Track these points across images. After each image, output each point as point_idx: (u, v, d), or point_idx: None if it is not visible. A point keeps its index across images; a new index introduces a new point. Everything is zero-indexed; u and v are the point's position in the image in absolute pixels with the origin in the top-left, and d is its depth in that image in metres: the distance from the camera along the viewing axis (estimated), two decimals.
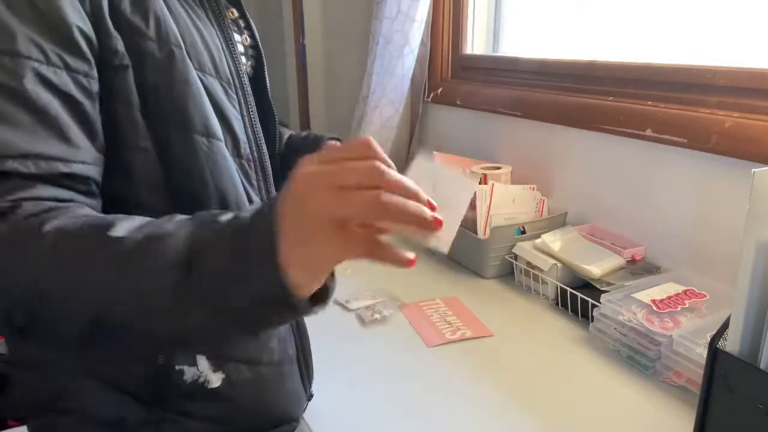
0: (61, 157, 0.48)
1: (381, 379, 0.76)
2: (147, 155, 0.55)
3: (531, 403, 0.70)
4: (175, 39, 0.56)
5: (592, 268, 0.91)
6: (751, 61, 0.86)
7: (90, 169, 0.51)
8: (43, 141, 0.47)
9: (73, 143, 0.49)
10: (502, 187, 1.08)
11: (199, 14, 0.61)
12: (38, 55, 0.47)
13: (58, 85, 0.48)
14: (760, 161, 0.78)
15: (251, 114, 0.64)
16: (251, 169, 0.63)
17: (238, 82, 0.63)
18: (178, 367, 0.58)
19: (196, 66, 0.57)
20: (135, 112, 0.54)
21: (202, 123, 0.57)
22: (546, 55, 1.23)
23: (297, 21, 1.99)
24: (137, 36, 0.53)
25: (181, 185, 0.57)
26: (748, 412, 0.51)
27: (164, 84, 0.55)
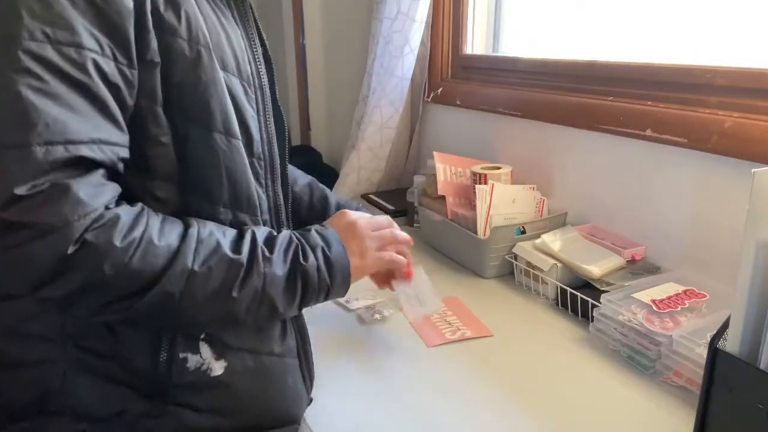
0: (118, 142, 0.52)
1: (381, 379, 0.76)
2: (165, 150, 0.56)
3: (531, 403, 0.70)
4: (204, 39, 0.57)
5: (592, 268, 0.91)
6: (751, 61, 0.86)
7: (128, 155, 0.54)
8: (103, 128, 0.50)
9: (123, 130, 0.53)
10: (502, 187, 1.08)
11: (226, 15, 0.63)
12: (95, 47, 0.50)
13: (109, 75, 0.51)
14: (760, 161, 0.78)
15: (267, 114, 0.66)
16: (261, 168, 0.64)
17: (257, 82, 0.64)
18: (181, 356, 0.59)
19: (220, 65, 0.59)
20: (157, 107, 0.55)
21: (223, 121, 0.58)
22: (546, 55, 1.23)
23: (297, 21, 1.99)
24: (169, 35, 0.55)
25: (195, 180, 0.59)
26: (748, 412, 0.51)
27: (190, 82, 0.56)
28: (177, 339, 0.59)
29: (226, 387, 0.61)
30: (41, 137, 0.46)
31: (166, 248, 0.52)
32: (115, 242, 0.49)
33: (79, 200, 0.47)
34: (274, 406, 0.65)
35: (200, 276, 0.53)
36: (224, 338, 0.61)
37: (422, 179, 1.30)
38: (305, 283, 0.61)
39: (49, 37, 0.47)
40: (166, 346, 0.59)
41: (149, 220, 0.53)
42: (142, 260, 0.50)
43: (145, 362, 0.58)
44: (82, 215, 0.47)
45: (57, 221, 0.46)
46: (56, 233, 0.46)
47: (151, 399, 0.59)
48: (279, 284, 0.59)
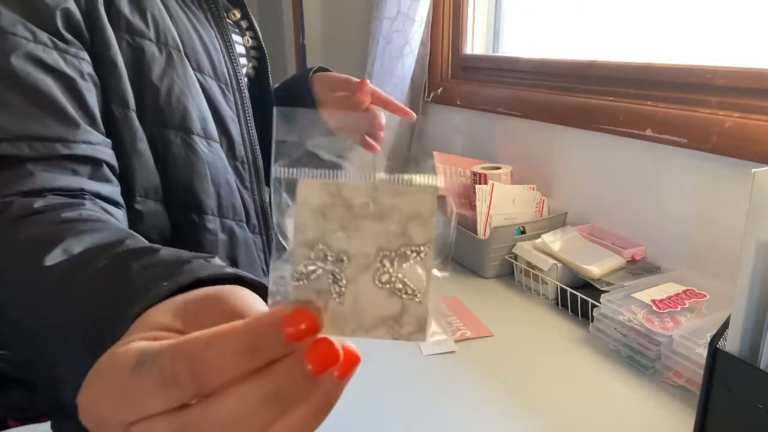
0: (58, 137, 0.45)
1: (380, 379, 0.76)
2: (144, 159, 0.54)
3: (531, 403, 0.70)
4: (173, 41, 0.56)
5: (592, 268, 0.91)
6: (751, 61, 0.86)
7: (97, 151, 0.48)
8: (37, 121, 0.45)
9: (71, 122, 0.47)
10: (502, 187, 1.08)
11: (198, 16, 0.61)
12: (24, 33, 0.46)
13: (49, 62, 0.46)
14: (760, 161, 0.78)
15: (247, 116, 0.64)
16: (245, 171, 0.62)
17: (235, 83, 0.62)
18: None
19: (194, 67, 0.57)
20: (130, 113, 0.53)
21: (201, 125, 0.57)
22: (546, 55, 1.23)
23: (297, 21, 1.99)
24: (137, 36, 0.53)
25: (180, 188, 0.56)
26: (748, 412, 0.51)
27: (164, 86, 0.54)
28: None
29: None
30: None
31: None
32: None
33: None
34: None
35: None
36: None
37: None
38: None
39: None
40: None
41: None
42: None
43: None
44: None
45: None
46: None
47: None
48: None
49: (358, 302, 0.24)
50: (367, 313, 0.25)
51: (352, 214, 0.24)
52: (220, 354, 0.21)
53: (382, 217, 0.24)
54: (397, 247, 0.24)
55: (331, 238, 0.24)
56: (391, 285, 0.24)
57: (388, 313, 0.25)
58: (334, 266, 0.24)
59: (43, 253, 0.36)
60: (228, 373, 0.22)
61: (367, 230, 0.24)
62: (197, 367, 0.21)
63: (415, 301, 0.25)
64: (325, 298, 0.24)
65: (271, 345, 0.22)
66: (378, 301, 0.25)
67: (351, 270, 0.24)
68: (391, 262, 0.24)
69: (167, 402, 0.22)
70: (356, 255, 0.24)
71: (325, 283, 0.24)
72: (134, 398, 0.22)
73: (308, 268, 0.24)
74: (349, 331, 0.25)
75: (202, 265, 0.31)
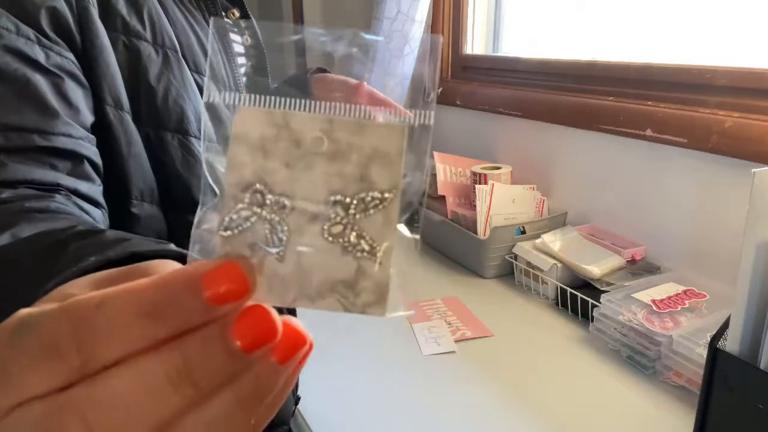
0: (36, 127, 0.44)
1: (380, 379, 0.76)
2: (139, 162, 0.54)
3: (531, 402, 0.70)
4: (170, 42, 0.55)
5: (592, 268, 0.91)
6: (751, 61, 0.86)
7: (78, 145, 0.47)
8: (13, 111, 0.43)
9: (51, 113, 0.45)
10: (502, 187, 1.08)
11: (196, 17, 0.61)
12: (7, 24, 0.45)
13: (30, 55, 0.45)
14: (760, 161, 0.78)
15: None
16: None
17: (233, 84, 0.62)
18: None
19: (192, 68, 0.57)
20: (125, 115, 0.53)
21: (198, 126, 0.56)
22: (546, 55, 1.23)
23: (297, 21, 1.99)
24: (133, 36, 0.53)
25: (176, 190, 0.56)
26: (748, 412, 0.51)
27: (161, 87, 0.54)
28: None
29: None
30: None
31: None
32: None
33: None
34: None
35: None
36: None
37: None
38: None
39: None
40: None
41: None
42: None
43: None
44: None
45: None
46: None
47: None
48: None
49: (302, 261, 0.19)
50: (312, 276, 0.19)
51: (301, 151, 0.19)
52: (114, 316, 0.17)
53: (338, 157, 0.19)
54: (354, 194, 0.19)
55: (272, 179, 0.19)
56: (344, 240, 0.19)
57: (340, 276, 0.19)
58: (273, 214, 0.19)
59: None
60: (122, 341, 0.17)
61: (317, 171, 0.19)
62: (83, 332, 0.17)
63: (374, 261, 0.19)
64: (260, 254, 0.19)
65: (183, 309, 0.17)
66: (327, 261, 0.19)
67: (295, 219, 0.19)
68: (345, 210, 0.19)
69: (47, 378, 0.17)
70: (302, 201, 0.19)
71: (262, 235, 0.19)
72: (11, 374, 0.17)
73: (241, 214, 0.19)
74: (290, 299, 0.19)
75: (141, 242, 0.27)
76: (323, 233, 0.19)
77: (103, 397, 0.17)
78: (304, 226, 0.19)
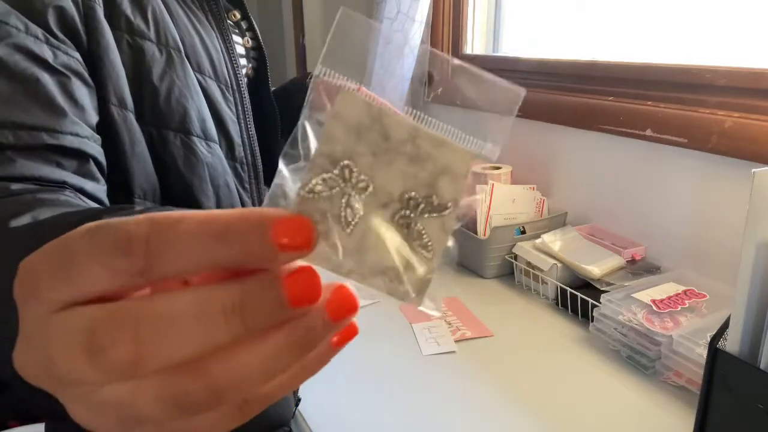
0: (44, 126, 0.45)
1: (380, 379, 0.76)
2: (142, 159, 0.54)
3: (531, 403, 0.70)
4: (174, 42, 0.55)
5: (592, 268, 0.91)
6: (751, 61, 0.86)
7: (85, 144, 0.47)
8: (23, 109, 0.44)
9: (59, 112, 0.46)
10: (502, 187, 1.08)
11: (199, 17, 0.61)
12: (16, 23, 0.45)
13: (38, 54, 0.46)
14: (760, 161, 0.78)
15: (247, 117, 0.63)
16: (244, 172, 0.62)
17: (235, 84, 0.62)
18: None
19: (195, 68, 0.57)
20: (129, 114, 0.53)
21: (201, 126, 0.57)
22: (546, 55, 1.23)
23: (297, 21, 1.99)
24: (137, 36, 0.53)
25: (179, 190, 0.56)
26: (748, 412, 0.51)
27: (164, 87, 0.54)
28: None
29: None
30: None
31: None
32: None
33: None
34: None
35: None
36: None
37: None
38: None
39: None
40: None
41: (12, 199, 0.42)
42: None
43: None
44: None
45: None
46: None
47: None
48: None
49: (365, 240, 0.21)
50: (369, 255, 0.21)
51: (387, 145, 0.21)
52: (188, 230, 0.18)
53: (416, 161, 0.21)
54: (424, 196, 0.22)
55: (359, 161, 0.21)
56: (408, 230, 0.22)
57: (392, 263, 0.22)
58: (354, 190, 0.21)
59: (9, 218, 0.33)
60: (187, 255, 0.18)
61: (397, 167, 0.21)
62: (157, 237, 0.18)
63: (425, 257, 0.22)
64: (328, 223, 0.21)
65: (249, 242, 0.18)
66: (385, 246, 0.21)
67: (369, 201, 0.21)
68: (414, 208, 0.22)
69: (110, 274, 0.18)
70: (380, 188, 0.21)
71: (337, 206, 0.21)
72: (76, 263, 0.18)
73: (327, 183, 0.21)
74: (345, 270, 0.21)
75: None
76: (391, 220, 0.21)
77: (159, 313, 0.18)
78: (375, 210, 0.21)
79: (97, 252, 0.18)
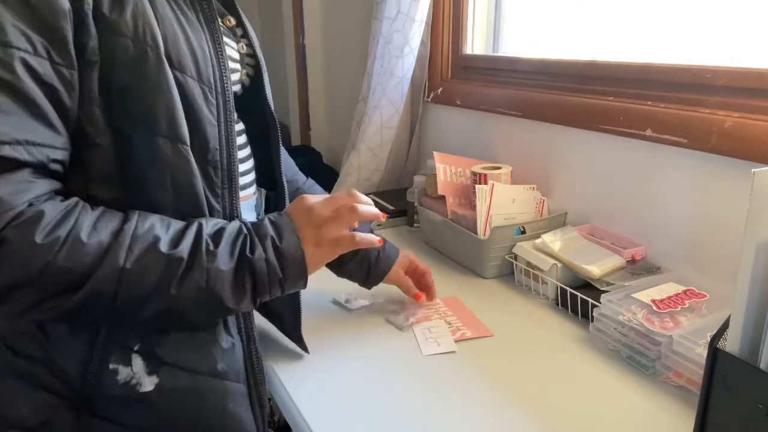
0: (49, 143, 0.51)
1: (380, 379, 0.76)
2: (102, 151, 0.55)
3: (531, 403, 0.70)
4: (152, 40, 0.55)
5: (592, 268, 0.91)
6: (751, 61, 0.86)
7: (67, 156, 0.53)
8: (31, 129, 0.49)
9: (56, 130, 0.51)
10: (502, 187, 1.08)
11: (188, 17, 0.60)
12: (26, 46, 0.49)
13: (43, 75, 0.50)
14: (760, 161, 0.78)
15: (229, 122, 0.62)
16: (217, 176, 0.61)
17: (220, 87, 0.61)
18: (112, 366, 0.57)
19: (176, 66, 0.57)
20: (94, 108, 0.54)
21: (169, 126, 0.56)
22: (546, 55, 1.23)
23: (297, 21, 1.99)
24: (111, 34, 0.53)
25: (138, 184, 0.57)
26: (748, 412, 0.51)
27: (133, 84, 0.55)
28: (110, 348, 0.57)
29: (154, 405, 0.59)
30: None
31: (96, 246, 0.51)
32: (36, 239, 0.47)
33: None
34: (210, 431, 0.62)
35: (133, 274, 0.52)
36: (159, 352, 0.59)
37: (422, 179, 1.30)
38: (254, 276, 0.58)
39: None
40: (99, 354, 0.57)
41: (80, 216, 0.51)
42: (68, 258, 0.49)
43: (76, 369, 0.56)
44: (0, 213, 0.46)
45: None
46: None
47: (78, 410, 0.57)
48: (225, 279, 0.56)
49: None
50: None
51: None
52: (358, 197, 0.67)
53: None
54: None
55: None
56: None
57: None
58: None
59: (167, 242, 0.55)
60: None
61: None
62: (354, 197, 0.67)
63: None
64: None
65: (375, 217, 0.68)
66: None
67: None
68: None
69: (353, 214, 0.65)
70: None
71: None
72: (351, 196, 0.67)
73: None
74: None
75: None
76: None
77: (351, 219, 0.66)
78: None
79: (353, 218, 0.66)
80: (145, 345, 0.59)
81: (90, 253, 0.50)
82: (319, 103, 2.01)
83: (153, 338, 0.59)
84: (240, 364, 0.65)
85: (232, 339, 0.64)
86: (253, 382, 0.67)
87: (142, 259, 0.53)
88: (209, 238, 0.57)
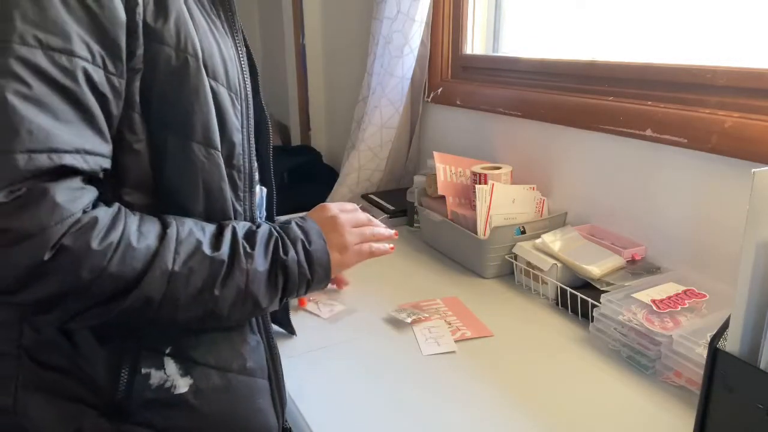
0: (102, 153, 0.52)
1: (380, 379, 0.76)
2: (138, 157, 0.56)
3: (531, 403, 0.70)
4: (193, 48, 0.56)
5: (592, 268, 0.91)
6: (751, 61, 0.86)
7: (110, 163, 0.54)
8: (88, 138, 0.50)
9: (105, 138, 0.52)
10: (502, 187, 1.08)
11: (216, 24, 0.62)
12: (87, 55, 0.49)
13: (98, 84, 0.50)
14: (760, 161, 0.78)
15: (249, 126, 0.64)
16: (240, 180, 0.62)
17: (243, 93, 0.63)
18: (144, 371, 0.57)
19: (210, 75, 0.58)
20: (134, 114, 0.54)
21: (204, 132, 0.57)
22: (546, 55, 1.23)
23: (297, 21, 1.99)
24: (155, 42, 0.54)
25: (169, 189, 0.57)
26: (748, 412, 0.51)
27: (173, 91, 0.55)
28: (141, 353, 0.57)
29: (189, 406, 0.59)
30: (24, 145, 0.45)
31: (145, 250, 0.51)
32: (93, 245, 0.48)
33: (56, 205, 0.46)
34: (241, 430, 0.63)
35: (181, 276, 0.53)
36: (191, 353, 0.59)
37: (422, 179, 1.30)
38: (286, 277, 0.60)
39: (41, 43, 0.47)
40: (129, 360, 0.57)
41: (127, 221, 0.52)
42: (120, 263, 0.49)
43: (106, 377, 0.56)
44: (60, 220, 0.46)
45: (33, 227, 0.45)
46: (32, 239, 0.45)
47: (109, 417, 0.57)
48: (261, 280, 0.58)
49: None
50: None
51: None
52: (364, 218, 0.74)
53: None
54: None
55: None
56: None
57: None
58: None
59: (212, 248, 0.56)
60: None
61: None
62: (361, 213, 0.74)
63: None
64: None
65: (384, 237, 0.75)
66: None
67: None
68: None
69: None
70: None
71: None
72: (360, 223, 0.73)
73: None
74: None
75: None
76: None
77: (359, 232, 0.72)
78: None
79: (373, 239, 0.73)
80: (177, 347, 0.59)
81: (140, 258, 0.51)
82: (319, 103, 2.01)
83: (186, 340, 0.60)
84: (264, 361, 0.66)
85: (256, 337, 0.66)
86: (274, 378, 0.68)
87: (189, 262, 0.54)
88: (244, 240, 0.59)
